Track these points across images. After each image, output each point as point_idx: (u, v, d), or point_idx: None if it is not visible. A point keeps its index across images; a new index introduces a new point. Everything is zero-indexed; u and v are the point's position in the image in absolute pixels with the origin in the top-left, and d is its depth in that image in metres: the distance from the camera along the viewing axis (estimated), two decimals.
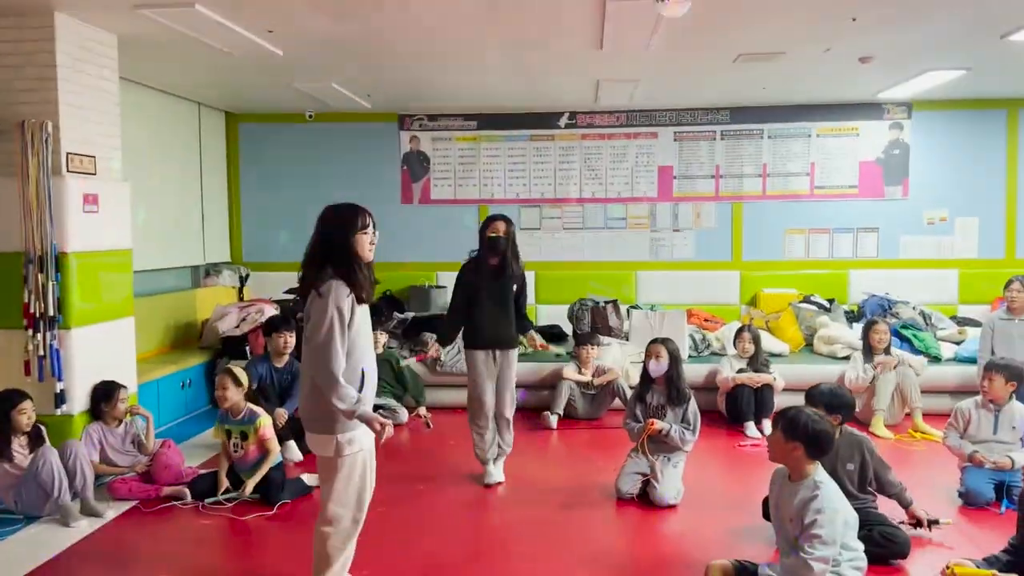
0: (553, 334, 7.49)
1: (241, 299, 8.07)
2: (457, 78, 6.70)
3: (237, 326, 7.14)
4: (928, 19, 4.96)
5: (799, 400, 3.94)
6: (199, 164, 7.97)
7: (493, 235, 4.86)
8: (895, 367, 6.14)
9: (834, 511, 3.15)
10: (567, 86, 7.06)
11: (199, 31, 4.97)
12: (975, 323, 7.24)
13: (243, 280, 8.26)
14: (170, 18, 4.70)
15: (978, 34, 5.33)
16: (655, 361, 4.74)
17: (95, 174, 5.05)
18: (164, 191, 7.30)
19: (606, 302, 7.54)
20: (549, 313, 7.98)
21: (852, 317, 7.52)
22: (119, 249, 5.31)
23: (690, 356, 6.87)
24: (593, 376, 6.55)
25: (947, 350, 6.82)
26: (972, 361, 6.38)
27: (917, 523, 4.06)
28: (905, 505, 4.08)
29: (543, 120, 8.30)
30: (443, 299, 7.77)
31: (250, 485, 4.67)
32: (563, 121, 8.30)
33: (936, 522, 4.06)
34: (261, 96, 7.55)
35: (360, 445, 3.22)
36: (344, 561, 3.33)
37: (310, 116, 8.37)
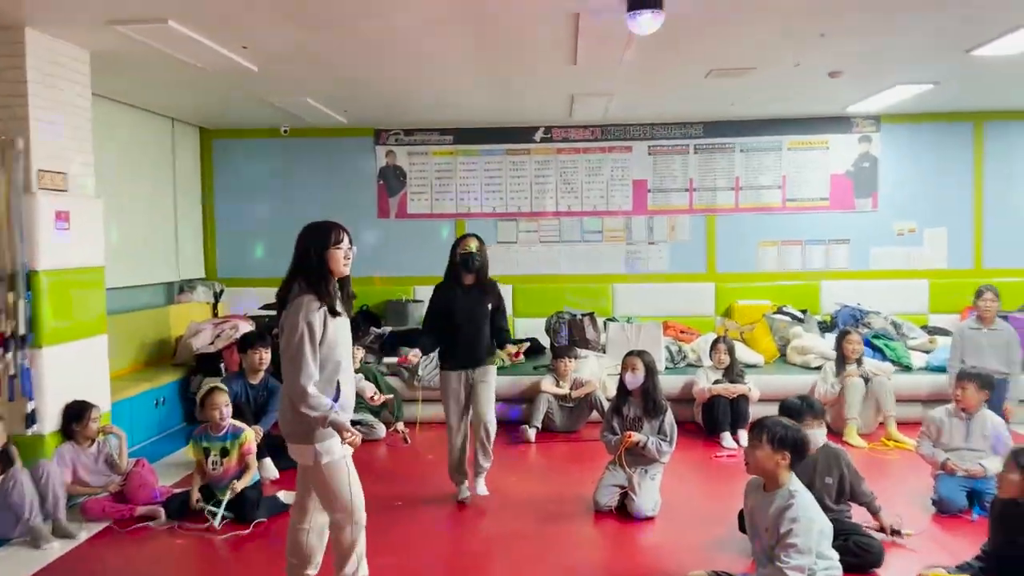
0: (531, 347, 7.52)
1: (215, 315, 8.00)
2: (433, 93, 6.72)
3: (212, 343, 7.07)
4: (895, 34, 5.06)
5: (774, 410, 3.99)
6: (173, 180, 7.90)
7: (465, 252, 4.80)
8: (867, 380, 6.22)
9: (810, 520, 3.19)
10: (542, 100, 7.10)
11: (173, 47, 4.95)
12: (945, 332, 7.34)
13: (217, 296, 8.18)
14: (143, 34, 4.68)
15: (944, 49, 5.44)
16: (631, 373, 4.77)
17: (67, 191, 5.00)
18: (137, 207, 7.24)
19: (583, 315, 7.58)
20: (526, 326, 7.99)
21: (825, 327, 7.60)
22: (91, 266, 5.26)
23: (666, 368, 6.92)
24: (571, 389, 6.56)
25: (918, 359, 6.91)
26: (942, 370, 6.47)
27: (881, 528, 4.15)
28: (873, 512, 4.19)
29: (519, 134, 8.34)
30: (420, 312, 7.73)
31: (240, 486, 4.64)
32: (538, 135, 8.34)
33: (899, 532, 4.14)
34: (236, 111, 7.52)
35: (341, 452, 3.28)
36: (363, 547, 3.39)
37: (285, 131, 8.34)
